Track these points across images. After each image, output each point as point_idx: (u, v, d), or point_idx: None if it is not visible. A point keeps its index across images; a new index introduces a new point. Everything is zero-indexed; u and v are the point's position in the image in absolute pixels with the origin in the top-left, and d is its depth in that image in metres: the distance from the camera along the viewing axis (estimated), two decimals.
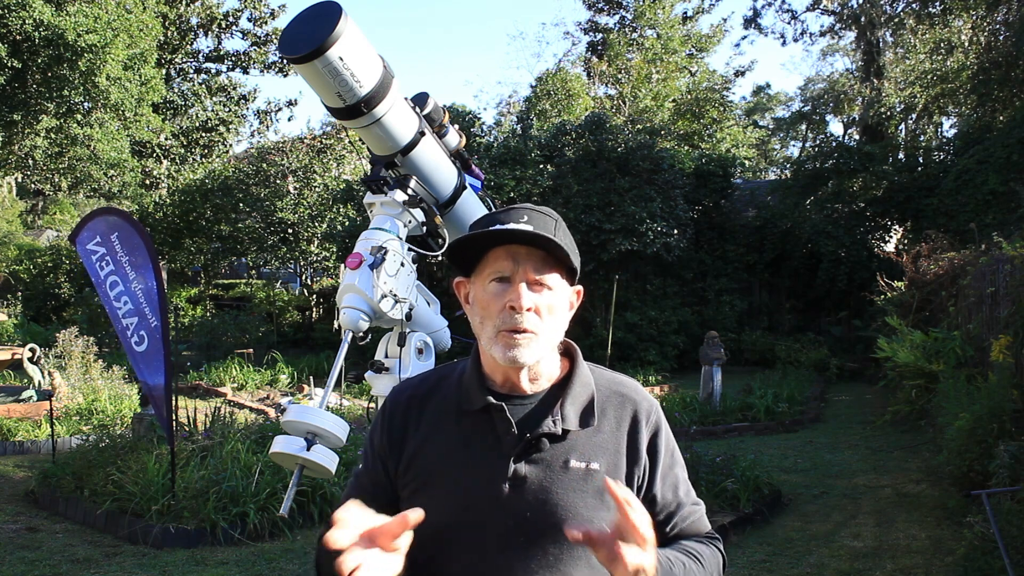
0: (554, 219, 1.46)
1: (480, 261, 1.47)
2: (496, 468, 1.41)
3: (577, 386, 1.48)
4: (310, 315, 19.90)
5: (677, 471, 1.54)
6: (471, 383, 1.48)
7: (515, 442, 1.42)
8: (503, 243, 1.43)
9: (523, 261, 1.42)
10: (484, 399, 1.44)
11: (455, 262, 1.52)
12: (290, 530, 5.47)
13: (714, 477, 5.87)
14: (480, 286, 1.46)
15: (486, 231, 1.42)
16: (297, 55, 2.42)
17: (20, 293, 20.44)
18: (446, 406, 1.48)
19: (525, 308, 1.40)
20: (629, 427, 1.48)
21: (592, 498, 1.41)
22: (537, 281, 1.42)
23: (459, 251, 1.48)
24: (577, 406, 1.46)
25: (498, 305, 1.42)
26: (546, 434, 1.42)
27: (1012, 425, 5.36)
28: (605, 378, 1.54)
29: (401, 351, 2.82)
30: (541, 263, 1.43)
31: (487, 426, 1.44)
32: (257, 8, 25.36)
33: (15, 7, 14.26)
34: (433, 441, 1.46)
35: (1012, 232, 9.45)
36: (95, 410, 8.84)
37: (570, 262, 1.44)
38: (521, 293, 1.40)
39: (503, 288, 1.42)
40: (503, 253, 1.43)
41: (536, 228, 1.42)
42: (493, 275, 1.43)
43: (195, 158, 25.36)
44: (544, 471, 1.41)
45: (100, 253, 5.86)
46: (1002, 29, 17.93)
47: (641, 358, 14.37)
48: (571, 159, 15.23)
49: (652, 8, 25.76)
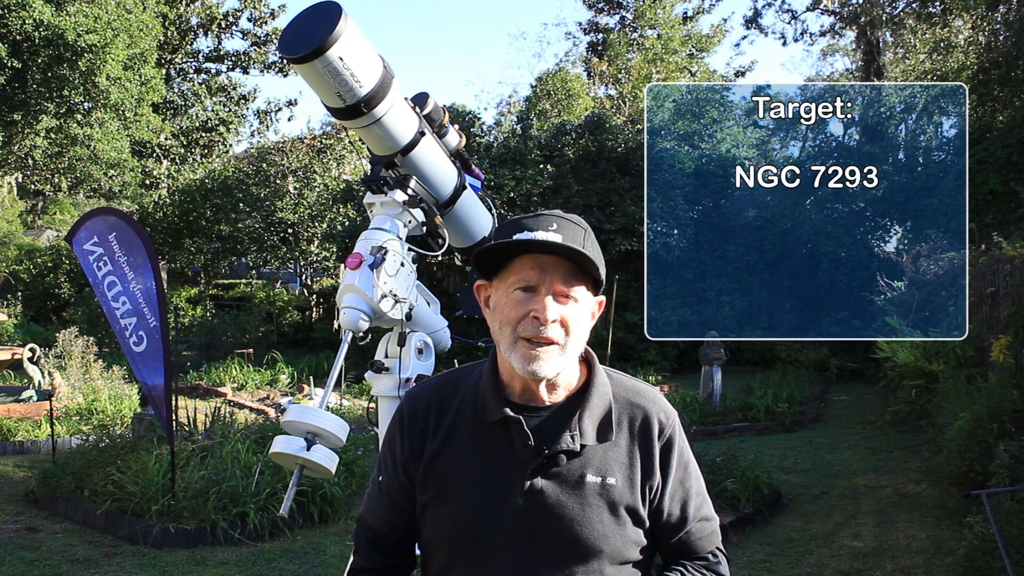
0: (583, 228, 1.43)
1: (504, 267, 1.43)
2: (512, 481, 1.40)
3: (595, 397, 1.45)
4: (310, 315, 19.89)
5: (689, 485, 1.51)
6: (488, 392, 1.45)
7: (532, 456, 1.40)
8: (531, 252, 1.40)
9: (550, 272, 1.39)
10: (501, 411, 1.42)
11: (479, 266, 1.49)
12: (290, 530, 5.47)
13: (714, 477, 5.87)
14: (504, 292, 1.42)
15: (516, 240, 1.39)
16: (297, 55, 2.42)
17: (20, 293, 20.44)
18: (463, 414, 1.46)
19: (551, 320, 1.37)
20: (642, 439, 1.46)
21: (607, 513, 1.40)
22: (563, 292, 1.39)
23: (484, 255, 1.45)
24: (595, 419, 1.44)
25: (520, 312, 1.39)
26: (564, 451, 1.40)
27: (1012, 425, 5.36)
28: (623, 387, 1.51)
29: (401, 351, 2.81)
30: (569, 274, 1.40)
31: (504, 438, 1.42)
32: (257, 8, 25.37)
33: (15, 7, 14.26)
34: (450, 450, 1.45)
35: (1012, 232, 9.45)
36: (95, 410, 8.83)
37: (598, 274, 1.41)
38: (547, 304, 1.37)
39: (527, 297, 1.39)
40: (530, 262, 1.39)
41: (565, 239, 1.38)
42: (518, 283, 1.40)
43: (195, 158, 25.37)
44: (560, 485, 1.40)
45: (97, 253, 5.85)
46: (1002, 29, 17.93)
47: (641, 358, 14.37)
48: (571, 159, 15.23)
49: (652, 8, 25.76)
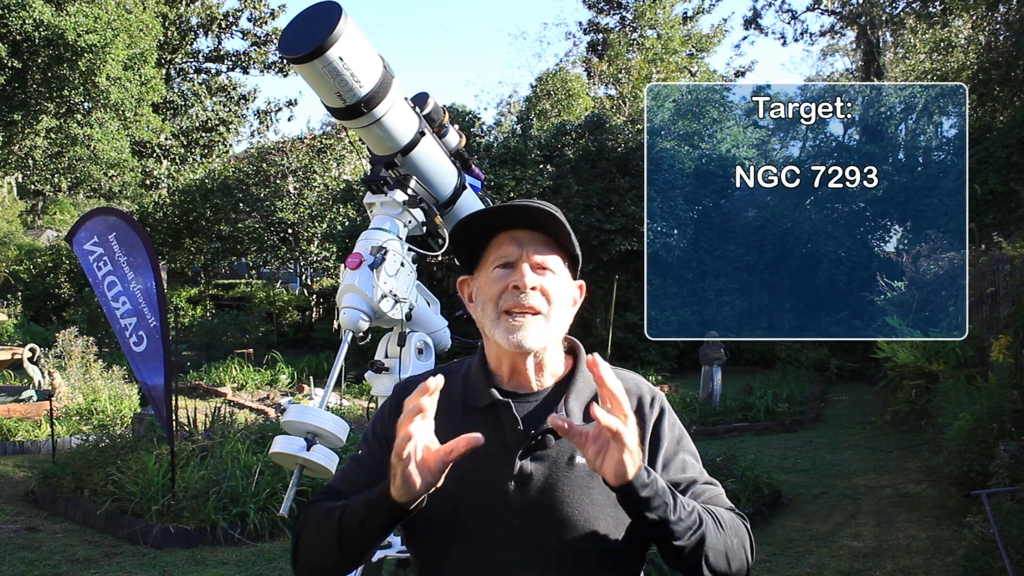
0: (553, 211, 1.49)
1: (483, 254, 1.49)
2: (502, 465, 1.41)
3: (580, 382, 1.49)
4: (310, 315, 19.89)
5: (684, 455, 1.55)
6: (477, 379, 1.49)
7: (521, 439, 1.42)
8: (505, 229, 1.45)
9: (527, 244, 1.44)
10: (490, 396, 1.45)
11: (458, 252, 1.53)
12: (290, 530, 5.46)
13: (714, 477, 5.87)
14: (485, 275, 1.47)
15: (491, 208, 1.47)
16: (297, 55, 2.42)
17: (20, 293, 20.43)
18: (453, 402, 1.48)
19: (530, 287, 1.41)
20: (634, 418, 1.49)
21: (598, 494, 1.41)
22: (540, 264, 1.44)
23: (463, 242, 1.50)
24: (581, 401, 1.47)
25: (501, 286, 1.43)
26: (551, 431, 1.41)
27: (1012, 425, 5.36)
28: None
29: (401, 351, 2.81)
30: (543, 246, 1.45)
31: (493, 423, 1.44)
32: (257, 8, 25.38)
33: (15, 7, 14.27)
34: (439, 437, 1.44)
35: (1012, 232, 9.45)
36: (95, 410, 8.83)
37: (572, 247, 1.47)
38: (525, 272, 1.42)
39: (507, 272, 1.44)
40: (506, 239, 1.46)
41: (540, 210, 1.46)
42: (497, 261, 1.45)
43: (195, 158, 25.38)
44: (550, 468, 1.41)
45: (97, 253, 5.85)
46: (1002, 29, 17.93)
47: (641, 358, 14.37)
48: (571, 159, 15.23)
49: (652, 8, 25.77)
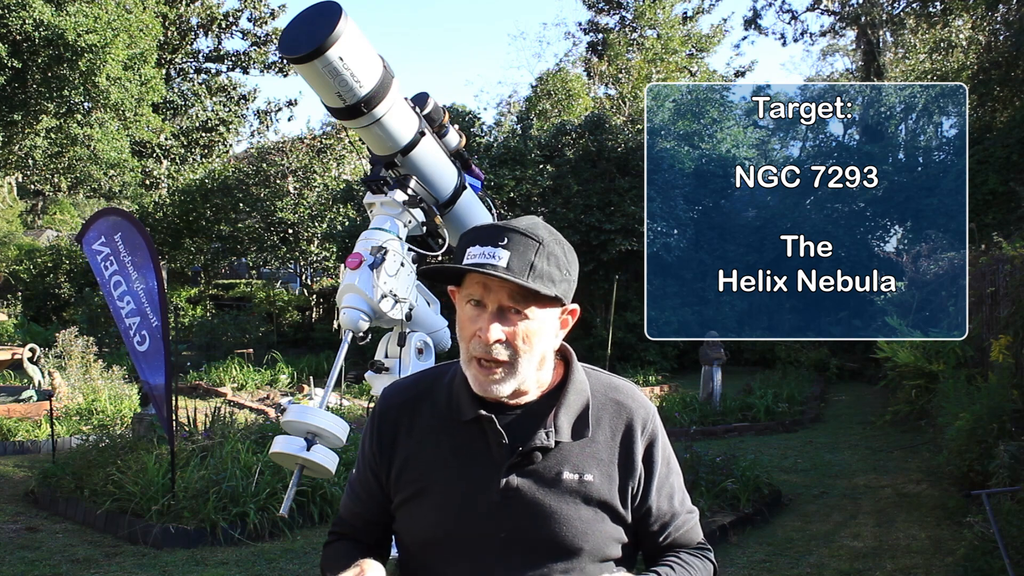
0: (537, 243, 1.35)
1: (463, 280, 1.42)
2: (488, 479, 1.39)
3: (571, 394, 1.44)
4: (310, 315, 19.89)
5: (672, 480, 1.51)
6: (461, 391, 1.44)
7: (507, 454, 1.39)
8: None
9: (495, 290, 1.34)
10: (475, 410, 1.40)
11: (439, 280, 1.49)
12: (290, 530, 5.47)
13: (714, 477, 5.87)
14: (460, 303, 1.41)
15: (452, 268, 1.36)
16: (297, 55, 2.42)
17: (20, 293, 20.43)
18: (438, 414, 1.45)
19: (493, 340, 1.34)
20: (624, 437, 1.45)
21: (585, 510, 1.39)
22: (510, 308, 1.35)
23: (430, 276, 1.45)
24: (571, 416, 1.42)
25: (471, 331, 1.37)
26: (538, 447, 1.39)
27: (1012, 425, 5.36)
28: (601, 383, 1.49)
29: (401, 351, 2.82)
30: (516, 293, 1.34)
31: (479, 437, 1.41)
32: (257, 8, 25.38)
33: (15, 7, 14.27)
34: (425, 450, 1.44)
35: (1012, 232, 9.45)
36: (95, 410, 8.83)
37: (547, 296, 1.35)
38: (488, 326, 1.34)
39: (477, 313, 1.37)
40: (476, 277, 1.36)
41: (513, 256, 1.32)
42: (467, 297, 1.38)
43: (195, 158, 25.38)
44: (536, 483, 1.39)
45: (105, 253, 5.88)
46: (1002, 29, 17.92)
47: (641, 358, 14.36)
48: (571, 159, 15.24)
49: (652, 8, 25.77)
